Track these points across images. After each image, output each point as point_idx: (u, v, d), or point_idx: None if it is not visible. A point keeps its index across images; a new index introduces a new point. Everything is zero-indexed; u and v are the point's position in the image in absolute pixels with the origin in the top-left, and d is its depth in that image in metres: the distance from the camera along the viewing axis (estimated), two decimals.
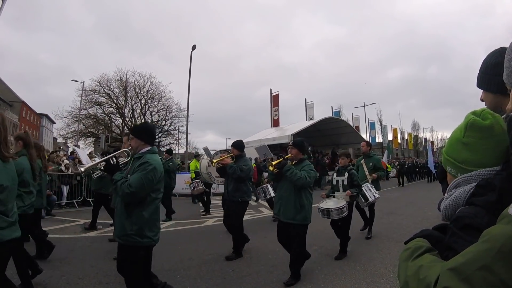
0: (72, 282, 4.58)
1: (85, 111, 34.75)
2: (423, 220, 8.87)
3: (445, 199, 1.16)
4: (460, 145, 1.13)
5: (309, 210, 4.74)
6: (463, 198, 1.06)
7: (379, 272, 4.88)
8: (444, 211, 1.14)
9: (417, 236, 1.19)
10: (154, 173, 3.35)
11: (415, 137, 63.53)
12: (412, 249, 1.07)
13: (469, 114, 1.14)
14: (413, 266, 0.97)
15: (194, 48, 21.97)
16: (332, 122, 26.61)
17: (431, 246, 1.08)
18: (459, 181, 1.13)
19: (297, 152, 4.97)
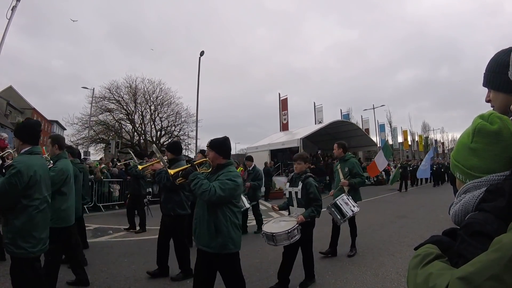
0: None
1: (95, 117, 35.12)
2: (435, 223, 8.75)
3: (455, 205, 1.14)
4: (468, 151, 1.10)
5: (230, 235, 3.48)
6: (473, 204, 1.04)
7: (391, 277, 4.82)
8: (454, 217, 1.12)
9: (427, 242, 1.16)
10: (18, 177, 3.05)
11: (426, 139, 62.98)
12: (422, 256, 1.05)
13: (477, 119, 1.11)
14: (423, 273, 0.96)
15: (202, 54, 22.12)
16: (342, 125, 26.53)
17: (441, 253, 1.06)
18: (468, 187, 1.10)
19: (214, 155, 3.70)
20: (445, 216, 9.19)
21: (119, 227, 9.21)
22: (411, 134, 56.38)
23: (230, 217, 3.49)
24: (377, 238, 7.33)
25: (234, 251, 3.55)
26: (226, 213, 3.48)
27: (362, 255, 6.02)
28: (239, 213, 3.69)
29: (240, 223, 3.66)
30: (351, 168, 6.35)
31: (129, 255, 6.28)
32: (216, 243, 3.40)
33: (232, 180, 3.45)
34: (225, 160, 3.71)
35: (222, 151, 3.69)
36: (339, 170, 6.56)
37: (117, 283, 4.77)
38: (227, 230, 3.44)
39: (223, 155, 3.70)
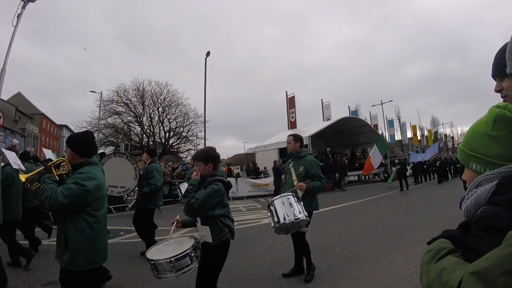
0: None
1: (104, 120, 35.43)
2: (446, 218, 8.67)
3: (466, 200, 1.12)
4: (488, 139, 1.07)
5: (81, 251, 2.94)
6: (485, 197, 1.03)
7: (402, 274, 4.79)
8: (466, 212, 1.10)
9: (440, 237, 1.15)
10: None
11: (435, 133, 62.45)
12: (435, 251, 1.04)
13: (494, 108, 1.10)
14: (436, 268, 0.95)
15: (208, 54, 22.19)
16: (350, 121, 26.39)
17: (454, 248, 1.05)
18: (480, 180, 1.09)
19: (71, 153, 3.12)
20: (456, 211, 9.09)
21: (130, 229, 9.25)
22: (420, 129, 55.96)
23: (83, 228, 2.94)
24: (388, 234, 7.28)
25: (84, 269, 2.98)
26: (78, 223, 2.93)
27: (373, 252, 5.99)
28: (99, 222, 3.11)
29: (104, 233, 3.24)
30: (308, 167, 4.93)
31: (141, 256, 6.31)
32: (65, 257, 2.92)
33: (78, 184, 2.88)
34: (83, 159, 3.12)
35: (79, 149, 3.11)
36: (292, 170, 5.18)
37: (129, 284, 4.81)
38: (77, 244, 2.91)
39: (81, 153, 3.11)
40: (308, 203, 4.78)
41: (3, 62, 12.54)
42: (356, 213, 10.82)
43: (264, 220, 10.13)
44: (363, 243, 6.66)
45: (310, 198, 4.97)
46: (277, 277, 4.93)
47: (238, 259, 5.89)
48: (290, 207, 4.38)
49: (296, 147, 5.21)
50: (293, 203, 4.42)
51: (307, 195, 4.86)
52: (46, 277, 5.03)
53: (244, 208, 13.45)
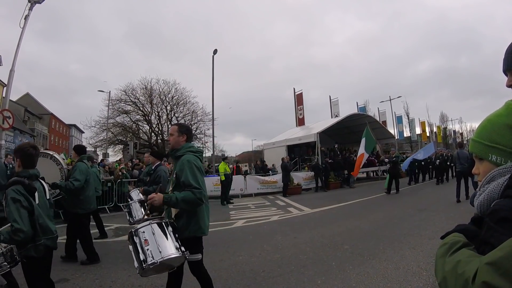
0: (105, 285, 4.70)
1: (113, 119, 35.73)
2: (456, 215, 8.60)
3: (478, 195, 1.12)
4: (509, 130, 1.06)
5: None
6: (498, 192, 1.03)
7: (412, 271, 4.76)
8: (479, 207, 1.10)
9: (453, 231, 1.15)
10: None
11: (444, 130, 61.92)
12: (449, 244, 1.05)
13: (511, 101, 1.10)
14: (451, 261, 0.95)
15: (216, 52, 22.20)
16: (358, 118, 26.22)
17: (468, 241, 1.05)
18: (493, 175, 1.08)
19: None
20: (466, 208, 9.04)
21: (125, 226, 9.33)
22: (429, 125, 55.51)
23: None
24: (397, 231, 7.25)
25: None
26: None
27: (382, 248, 5.97)
28: None
29: None
30: (178, 172, 3.33)
31: None
32: None
33: None
34: None
35: None
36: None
37: (139, 280, 4.83)
38: None
39: None
40: (184, 224, 3.29)
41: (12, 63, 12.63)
42: (365, 210, 10.78)
43: (273, 217, 10.16)
44: (373, 240, 6.63)
45: (187, 218, 3.30)
46: (287, 274, 4.92)
47: (247, 256, 5.92)
48: (161, 238, 3.00)
49: (180, 141, 3.62)
50: (166, 231, 3.06)
51: (181, 214, 3.31)
52: (57, 274, 5.07)
53: (253, 205, 13.47)
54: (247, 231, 8.25)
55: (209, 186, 16.82)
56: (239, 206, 13.67)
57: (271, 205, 13.50)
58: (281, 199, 15.15)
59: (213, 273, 4.98)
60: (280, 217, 10.30)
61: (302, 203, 12.99)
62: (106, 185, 12.62)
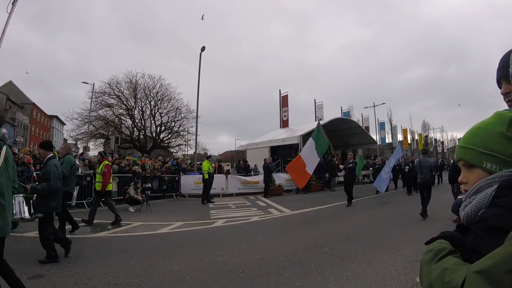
0: (81, 282, 4.58)
1: (95, 112, 35.12)
2: (434, 221, 8.76)
3: (464, 206, 1.11)
4: (504, 139, 1.05)
5: None
6: (486, 202, 1.01)
7: (391, 275, 4.80)
8: (466, 218, 1.08)
9: (438, 238, 1.14)
10: None
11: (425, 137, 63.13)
12: (435, 251, 1.03)
13: (504, 112, 1.09)
14: (437, 268, 0.94)
15: (203, 49, 22.01)
16: (342, 122, 26.50)
17: (454, 248, 1.03)
18: (480, 185, 1.07)
19: None
20: (444, 215, 9.21)
21: None
22: (411, 132, 56.52)
23: None
24: (377, 235, 7.32)
25: None
26: None
27: (362, 252, 6.01)
28: None
29: None
30: None
31: (128, 250, 6.27)
32: None
33: None
34: None
35: None
36: None
37: (116, 278, 4.75)
38: None
39: None
40: None
41: None
42: (345, 213, 10.88)
43: (253, 218, 10.15)
44: (352, 243, 6.68)
45: None
46: (266, 275, 4.90)
47: (227, 256, 5.88)
48: None
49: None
50: None
51: None
52: (32, 270, 4.95)
53: (234, 205, 13.45)
54: (227, 231, 8.21)
55: (190, 185, 16.76)
56: (219, 205, 13.62)
57: (252, 205, 13.50)
58: (262, 200, 15.16)
59: (192, 273, 4.95)
60: (260, 217, 10.29)
61: (283, 205, 13.01)
62: (85, 179, 12.40)
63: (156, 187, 16.07)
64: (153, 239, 7.30)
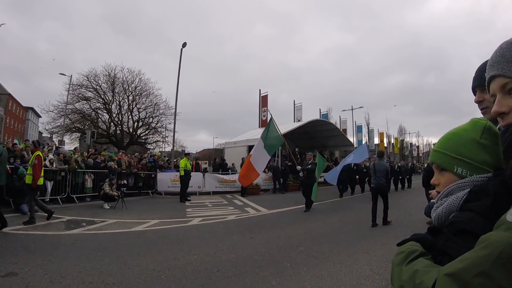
0: (55, 281, 4.48)
1: (72, 105, 34.20)
2: (409, 223, 8.95)
3: (436, 208, 1.14)
4: (477, 145, 1.10)
5: None
6: (457, 205, 1.05)
7: (365, 274, 4.89)
8: (437, 219, 1.12)
9: (410, 240, 1.17)
10: None
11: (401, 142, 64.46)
12: (406, 253, 1.05)
13: (479, 119, 1.14)
14: (408, 270, 0.96)
15: (185, 45, 21.81)
16: (320, 124, 26.75)
17: (425, 251, 1.06)
18: (451, 188, 1.11)
19: None
20: (417, 216, 9.42)
21: (92, 220, 9.04)
22: (387, 136, 57.58)
23: None
24: (352, 235, 7.43)
25: None
26: None
27: (337, 252, 6.09)
28: None
29: None
30: None
31: (103, 248, 6.16)
32: None
33: None
34: None
35: None
36: None
37: (91, 277, 4.66)
38: None
39: None
40: None
41: None
42: (321, 214, 10.98)
43: (230, 216, 10.13)
44: (328, 243, 6.75)
45: None
46: (242, 274, 4.90)
47: (202, 255, 5.85)
48: None
49: None
50: None
51: None
52: (5, 268, 4.81)
53: (210, 204, 13.40)
54: (203, 230, 8.16)
55: (167, 182, 16.59)
56: (196, 203, 13.54)
57: (229, 204, 13.48)
58: (239, 199, 15.15)
59: (167, 272, 4.91)
60: (237, 216, 10.28)
61: (260, 204, 13.06)
62: (59, 175, 12.12)
63: (132, 183, 15.83)
64: (128, 237, 7.20)
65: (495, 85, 0.97)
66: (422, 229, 1.25)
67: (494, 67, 0.96)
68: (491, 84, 0.99)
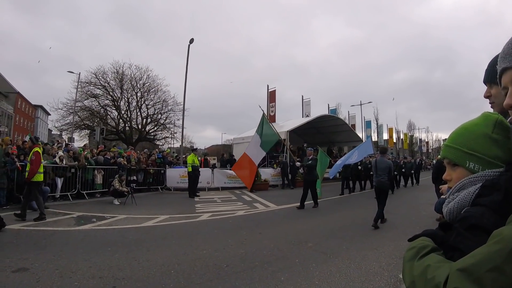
0: (66, 275, 4.53)
1: (81, 103, 34.48)
2: (417, 219, 8.87)
3: (447, 203, 1.13)
4: (489, 140, 1.08)
5: None
6: (469, 200, 1.04)
7: (374, 270, 4.87)
8: (449, 214, 1.11)
9: (421, 235, 1.16)
10: None
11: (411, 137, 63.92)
12: (417, 248, 1.04)
13: (490, 113, 1.13)
14: (420, 265, 0.95)
15: (192, 41, 21.82)
16: (328, 119, 26.63)
17: (437, 246, 1.05)
18: (464, 183, 1.09)
19: None
20: (427, 213, 9.34)
21: (102, 215, 9.12)
22: (396, 132, 57.18)
23: None
24: (360, 231, 7.40)
25: None
26: None
27: (346, 248, 6.07)
28: None
29: None
30: None
31: (113, 243, 6.21)
32: None
33: None
34: None
35: None
36: None
37: (101, 271, 4.71)
38: None
39: None
40: None
41: None
42: (330, 210, 10.97)
43: (238, 212, 10.15)
44: (336, 239, 6.75)
45: None
46: (250, 269, 4.92)
47: (211, 250, 5.87)
48: None
49: None
50: None
51: None
52: (16, 263, 4.88)
53: (219, 199, 13.44)
54: (212, 225, 8.20)
55: (176, 178, 16.66)
56: (205, 199, 13.59)
57: (238, 199, 13.51)
58: (248, 194, 15.16)
59: (176, 267, 4.94)
60: (246, 212, 10.30)
61: (269, 199, 13.06)
62: (69, 171, 12.24)
63: (141, 179, 15.95)
64: (137, 233, 7.25)
65: (507, 77, 0.95)
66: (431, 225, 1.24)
67: (506, 59, 0.95)
68: (503, 77, 0.97)
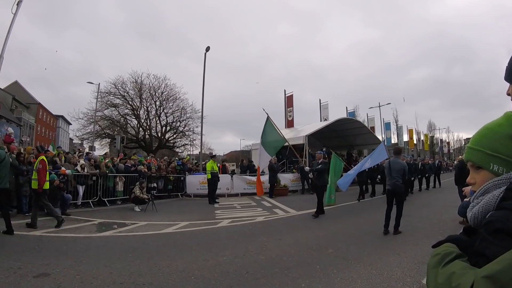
0: (86, 281, 4.60)
1: (101, 112, 35.31)
2: (440, 223, 8.67)
3: (472, 207, 1.10)
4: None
5: None
6: (493, 204, 1.00)
7: (396, 276, 4.78)
8: (473, 219, 1.07)
9: (445, 241, 1.12)
10: None
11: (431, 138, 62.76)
12: (442, 255, 1.02)
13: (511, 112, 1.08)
14: (444, 273, 0.93)
15: (208, 49, 22.02)
16: (347, 122, 26.37)
17: (461, 252, 1.02)
18: (488, 186, 1.06)
19: None
20: (449, 216, 9.14)
21: (123, 222, 9.24)
22: (416, 133, 56.25)
23: None
24: (382, 237, 7.29)
25: None
26: None
27: (367, 254, 5.98)
28: None
29: None
30: None
31: (133, 250, 6.28)
32: None
33: None
34: None
35: None
36: None
37: (121, 277, 4.77)
38: None
39: None
40: None
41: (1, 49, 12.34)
42: (351, 214, 10.85)
43: (258, 218, 10.13)
44: (357, 244, 6.65)
45: None
46: (271, 276, 4.89)
47: (232, 257, 5.87)
48: None
49: None
50: None
51: None
52: (38, 269, 4.99)
53: (239, 205, 13.44)
54: (232, 231, 8.20)
55: (196, 184, 16.78)
56: (224, 205, 13.61)
57: (257, 205, 13.48)
58: (267, 200, 15.12)
59: (196, 273, 4.96)
60: (265, 218, 10.28)
61: (288, 205, 12.99)
62: (91, 179, 12.47)
63: (161, 186, 16.11)
64: (158, 239, 7.31)
65: None
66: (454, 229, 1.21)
67: None
68: None
